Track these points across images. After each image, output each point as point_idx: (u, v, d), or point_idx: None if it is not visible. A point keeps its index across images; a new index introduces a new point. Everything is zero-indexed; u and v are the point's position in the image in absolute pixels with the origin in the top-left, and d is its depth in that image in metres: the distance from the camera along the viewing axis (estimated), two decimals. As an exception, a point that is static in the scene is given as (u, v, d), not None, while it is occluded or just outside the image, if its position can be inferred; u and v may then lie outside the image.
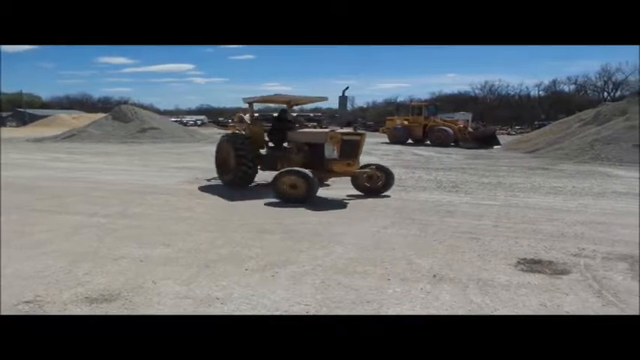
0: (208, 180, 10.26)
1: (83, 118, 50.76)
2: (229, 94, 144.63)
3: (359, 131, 8.90)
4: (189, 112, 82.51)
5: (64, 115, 59.61)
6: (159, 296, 3.67)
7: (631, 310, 3.49)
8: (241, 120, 11.78)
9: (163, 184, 9.95)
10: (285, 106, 10.11)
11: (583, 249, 5.10)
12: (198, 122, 59.67)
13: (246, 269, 4.33)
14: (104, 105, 76.83)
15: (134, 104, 41.23)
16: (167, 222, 6.25)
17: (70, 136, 26.61)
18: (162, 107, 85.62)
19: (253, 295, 3.70)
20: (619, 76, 59.42)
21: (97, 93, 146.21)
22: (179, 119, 53.09)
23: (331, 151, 7.97)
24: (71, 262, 4.44)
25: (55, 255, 4.67)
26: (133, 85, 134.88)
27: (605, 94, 59.31)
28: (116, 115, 28.29)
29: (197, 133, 30.60)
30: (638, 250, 5.07)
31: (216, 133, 35.62)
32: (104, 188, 9.14)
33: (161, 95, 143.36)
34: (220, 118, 56.58)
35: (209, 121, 61.04)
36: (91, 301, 3.55)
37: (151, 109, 48.94)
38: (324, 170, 8.14)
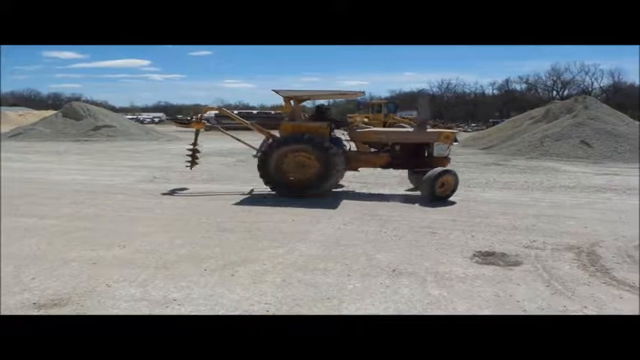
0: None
1: (31, 116, 48.17)
2: (188, 91, 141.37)
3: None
4: (146, 110, 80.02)
5: (10, 113, 56.28)
6: (113, 299, 3.55)
7: (577, 298, 3.68)
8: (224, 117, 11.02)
9: (119, 183, 9.61)
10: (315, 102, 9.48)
11: (534, 241, 5.32)
12: (156, 120, 57.99)
13: (205, 269, 4.25)
14: (54, 102, 73.30)
15: (86, 101, 39.46)
16: (122, 223, 6.04)
17: (16, 135, 25.23)
18: (116, 104, 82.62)
19: (212, 296, 3.64)
20: (567, 76, 62.46)
21: (46, 89, 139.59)
22: (135, 117, 51.41)
23: (444, 149, 8.43)
24: (18, 267, 4.21)
25: (1, 260, 4.42)
26: (84, 81, 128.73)
27: (555, 92, 62.16)
28: (67, 113, 27.03)
29: (154, 131, 29.75)
30: (584, 240, 5.35)
31: (175, 130, 34.77)
32: (55, 189, 8.73)
33: (115, 92, 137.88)
34: (179, 116, 55.26)
35: (167, 119, 59.42)
36: (39, 307, 3.39)
37: (104, 106, 47.04)
38: (429, 168, 8.08)
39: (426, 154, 8.50)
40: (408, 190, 9.03)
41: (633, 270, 4.36)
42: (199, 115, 9.90)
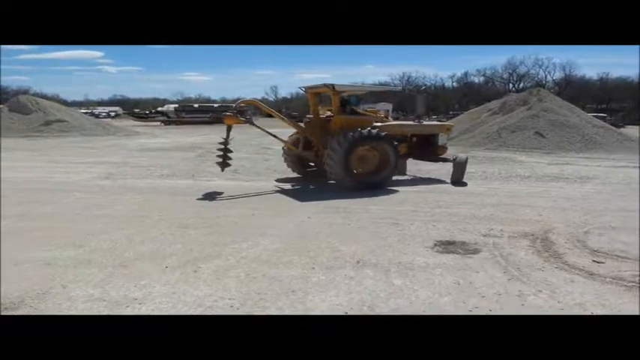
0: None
1: (-24, 110, 45.51)
2: (145, 84, 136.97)
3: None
4: (101, 103, 77.26)
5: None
6: (69, 301, 3.42)
7: (532, 283, 3.83)
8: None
9: (74, 180, 9.24)
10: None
11: (492, 229, 5.50)
12: (112, 114, 56.12)
13: (167, 266, 4.16)
14: None
15: (36, 94, 37.47)
16: (79, 221, 5.81)
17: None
18: (69, 98, 79.29)
19: (174, 293, 3.57)
20: (522, 69, 64.72)
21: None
22: (90, 111, 49.52)
23: (445, 139, 9.83)
24: (-36, 270, 3.98)
25: (-56, 263, 4.16)
26: (33, 73, 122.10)
27: (511, 85, 64.29)
28: (14, 107, 25.63)
29: (111, 125, 28.73)
30: (538, 228, 5.57)
31: (133, 125, 33.77)
32: (5, 187, 8.28)
33: (67, 85, 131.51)
34: (136, 110, 53.65)
35: (124, 113, 57.58)
36: (-12, 311, 3.22)
37: (56, 99, 44.74)
38: (434, 156, 9.72)
39: (432, 144, 9.69)
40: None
41: (583, 255, 4.58)
42: (234, 107, 9.27)
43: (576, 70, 63.05)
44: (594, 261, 4.38)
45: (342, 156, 7.96)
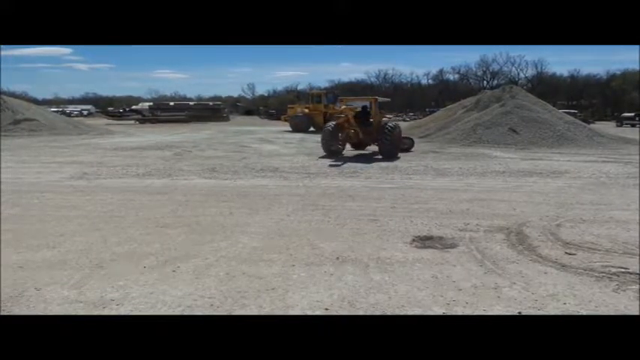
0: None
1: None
2: (118, 81, 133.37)
3: None
4: (73, 102, 75.27)
5: None
6: (44, 303, 3.34)
7: (507, 275, 3.93)
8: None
9: (45, 180, 8.99)
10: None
11: (468, 224, 5.60)
12: (85, 112, 54.79)
13: (145, 267, 4.10)
14: (-35, 94, 66.76)
15: (3, 93, 36.18)
16: (51, 223, 5.67)
17: None
18: (39, 96, 76.94)
19: (152, 293, 3.53)
20: (495, 67, 65.94)
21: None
22: (61, 109, 48.20)
23: None
24: None
25: None
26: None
27: (485, 82, 65.41)
28: (-20, 106, 24.74)
29: (83, 124, 28.04)
30: (513, 222, 5.70)
31: (106, 124, 33.09)
32: (-29, 188, 8.01)
33: (36, 82, 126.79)
34: (110, 108, 52.46)
35: (97, 111, 56.25)
36: (-42, 316, 3.12)
37: (24, 98, 43.37)
38: None
39: None
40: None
41: (555, 247, 4.72)
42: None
43: (547, 67, 64.65)
44: (566, 253, 4.52)
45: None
